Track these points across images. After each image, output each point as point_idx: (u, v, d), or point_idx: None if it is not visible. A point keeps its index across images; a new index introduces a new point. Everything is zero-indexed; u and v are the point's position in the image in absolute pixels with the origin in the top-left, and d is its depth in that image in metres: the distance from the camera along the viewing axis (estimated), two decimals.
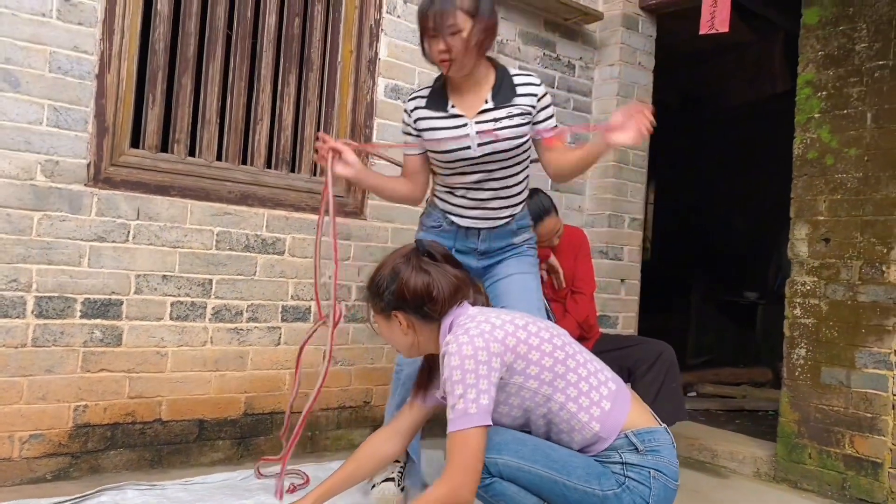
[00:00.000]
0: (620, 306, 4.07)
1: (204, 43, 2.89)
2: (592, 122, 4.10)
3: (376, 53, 3.23)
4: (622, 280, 4.08)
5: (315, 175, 3.17)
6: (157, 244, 2.69)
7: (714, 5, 3.68)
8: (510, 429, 1.90)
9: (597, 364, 1.94)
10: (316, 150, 2.35)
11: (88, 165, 2.54)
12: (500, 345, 1.78)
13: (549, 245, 3.24)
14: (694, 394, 5.30)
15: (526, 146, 2.38)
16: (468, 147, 2.30)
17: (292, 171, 3.12)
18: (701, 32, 3.71)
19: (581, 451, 1.88)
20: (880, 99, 2.97)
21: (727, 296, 6.86)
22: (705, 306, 7.01)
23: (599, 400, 1.85)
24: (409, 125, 2.45)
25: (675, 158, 7.94)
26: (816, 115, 3.16)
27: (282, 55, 3.09)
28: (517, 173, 2.41)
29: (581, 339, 3.22)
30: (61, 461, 2.52)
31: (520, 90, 2.32)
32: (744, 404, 4.94)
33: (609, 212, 4.01)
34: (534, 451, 1.83)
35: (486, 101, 2.31)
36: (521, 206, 2.48)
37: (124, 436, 2.64)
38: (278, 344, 2.99)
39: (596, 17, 3.90)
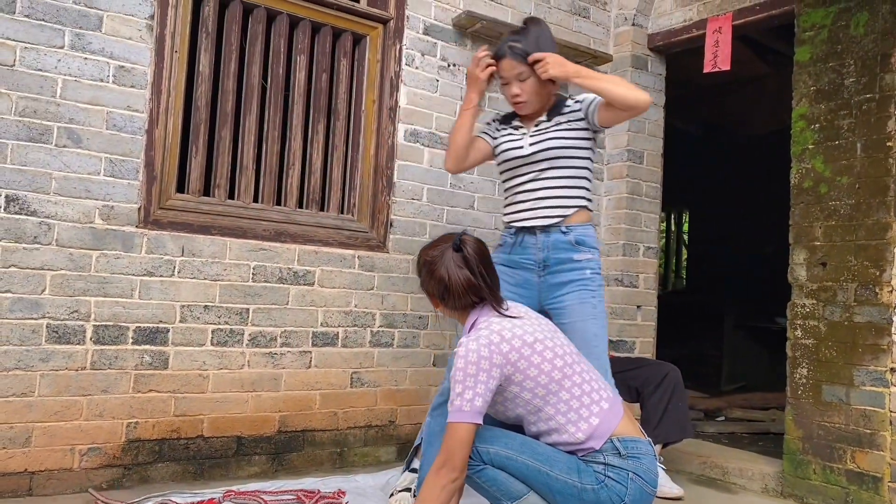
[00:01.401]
0: (637, 331, 4.25)
1: (241, 98, 3.25)
2: (606, 157, 4.33)
3: (396, 102, 3.54)
4: (638, 306, 4.26)
5: (342, 213, 3.48)
6: (200, 278, 3.02)
7: (716, 45, 3.92)
8: (503, 424, 2.15)
9: (597, 384, 2.15)
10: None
11: (139, 209, 2.89)
12: (503, 357, 2.02)
13: None
14: (723, 418, 5.38)
15: (577, 153, 2.65)
16: (521, 147, 2.68)
17: (321, 209, 3.43)
18: (705, 71, 3.95)
19: (567, 452, 2.10)
20: (868, 130, 3.14)
21: (759, 322, 6.92)
22: (738, 333, 7.08)
23: (589, 416, 2.07)
24: (489, 124, 2.86)
25: (706, 187, 8.08)
26: (810, 147, 3.34)
27: (311, 106, 3.42)
28: (568, 177, 2.66)
29: None
30: (115, 472, 2.83)
31: (568, 108, 2.70)
32: (770, 427, 5.01)
33: (623, 241, 4.22)
34: (522, 444, 2.07)
35: (542, 118, 2.70)
36: (574, 210, 2.64)
37: (170, 450, 2.95)
38: (309, 367, 3.28)
39: (605, 59, 4.16)
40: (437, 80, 3.68)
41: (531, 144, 2.66)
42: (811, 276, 3.30)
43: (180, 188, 3.08)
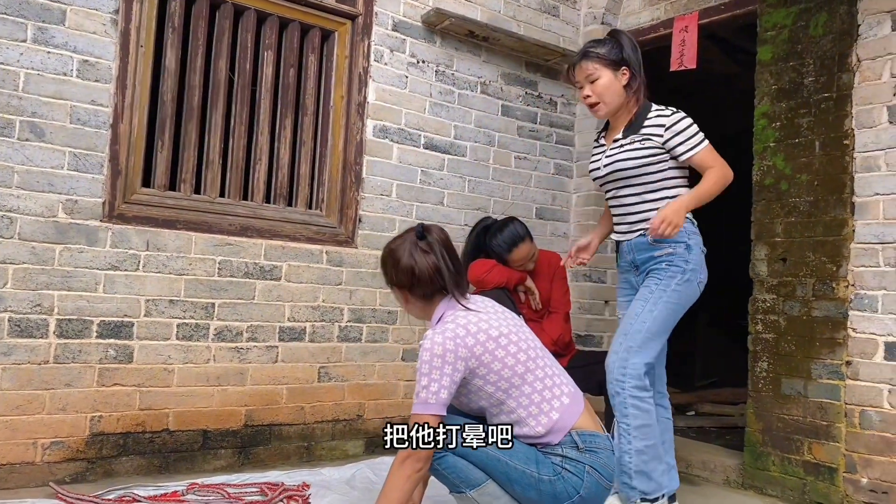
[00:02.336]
0: (605, 326, 4.30)
1: (208, 93, 3.26)
2: (576, 154, 4.38)
3: (365, 98, 3.56)
4: (606, 301, 4.31)
5: (310, 208, 3.50)
6: (165, 272, 3.03)
7: (683, 44, 3.98)
8: (466, 415, 2.20)
9: (559, 379, 2.18)
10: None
11: (104, 204, 2.90)
12: (468, 351, 2.05)
13: (525, 269, 3.51)
14: (693, 413, 5.45)
15: (652, 168, 2.64)
16: (598, 168, 2.75)
17: (289, 205, 3.45)
18: (671, 69, 4.00)
19: (528, 444, 2.13)
20: (827, 128, 3.20)
21: (732, 319, 7.00)
22: (712, 330, 7.16)
23: (549, 411, 2.11)
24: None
25: None
26: (772, 144, 3.40)
27: (279, 102, 3.44)
28: (645, 192, 2.68)
29: (556, 355, 3.45)
30: (78, 466, 2.84)
31: (649, 122, 2.67)
32: (738, 422, 5.08)
33: None
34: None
35: (619, 133, 2.70)
36: None
37: (135, 444, 2.96)
38: (276, 361, 3.29)
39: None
40: (406, 77, 3.70)
41: (605, 165, 2.71)
42: (772, 272, 3.36)
43: (146, 183, 3.08)
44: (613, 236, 2.82)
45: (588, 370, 3.40)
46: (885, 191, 3.02)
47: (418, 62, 3.74)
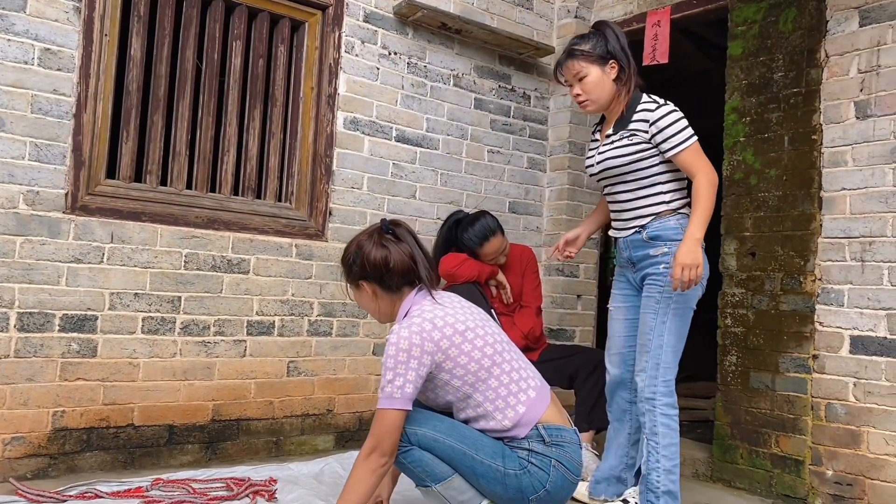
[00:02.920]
0: (577, 320, 4.31)
1: (174, 83, 3.21)
2: (548, 149, 4.37)
3: (336, 89, 3.53)
4: (578, 296, 4.32)
5: (280, 201, 3.46)
6: (130, 265, 2.98)
7: (655, 39, 3.98)
8: (433, 410, 2.18)
9: (525, 373, 2.17)
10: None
11: (66, 195, 2.84)
12: (434, 345, 2.03)
13: (497, 263, 3.50)
14: None
15: (645, 163, 2.57)
16: (592, 165, 2.71)
17: (258, 197, 3.41)
18: (644, 64, 4.00)
19: (494, 438, 2.12)
20: (795, 123, 3.22)
21: (706, 314, 7.05)
22: None
23: (516, 404, 2.10)
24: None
25: None
26: (741, 139, 3.41)
27: (247, 92, 3.39)
28: (637, 188, 2.62)
29: (527, 349, 3.46)
30: (41, 461, 2.79)
31: (635, 117, 2.59)
32: (709, 415, 5.12)
33: (564, 232, 4.25)
34: (449, 427, 2.09)
35: (610, 130, 2.65)
36: (650, 218, 2.58)
37: (99, 439, 2.91)
38: (244, 356, 3.26)
39: (548, 50, 4.19)
40: (378, 69, 3.67)
41: (598, 163, 2.67)
42: (741, 266, 3.38)
43: (111, 174, 3.03)
44: (611, 232, 2.78)
45: (559, 364, 3.41)
46: (851, 186, 3.05)
47: (390, 54, 3.71)
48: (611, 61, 2.60)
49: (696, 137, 2.52)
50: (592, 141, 2.82)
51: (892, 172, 2.94)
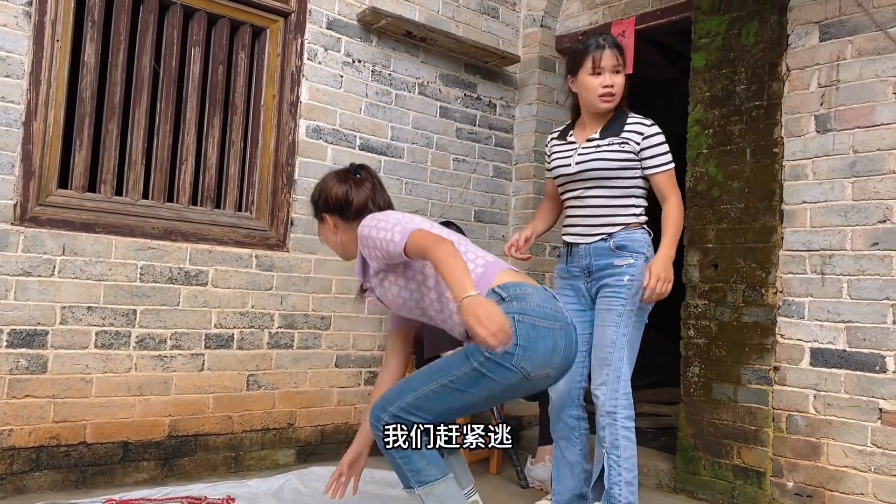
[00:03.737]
0: None
1: (130, 90, 3.12)
2: (514, 157, 4.36)
3: (298, 97, 3.47)
4: None
5: (240, 210, 3.39)
6: (83, 278, 2.89)
7: None
8: (406, 322, 2.35)
9: (481, 252, 2.15)
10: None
11: (15, 206, 2.75)
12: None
13: None
14: None
15: (626, 173, 2.57)
16: (568, 165, 2.64)
17: (217, 207, 3.33)
18: None
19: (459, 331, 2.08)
20: (757, 136, 3.24)
21: (671, 319, 7.10)
22: (651, 329, 7.23)
23: (475, 268, 2.04)
24: (546, 154, 2.84)
25: None
26: (704, 151, 3.42)
27: (206, 100, 3.32)
28: (615, 196, 2.59)
29: None
30: None
31: (628, 127, 2.58)
32: (674, 422, 5.14)
33: None
34: (418, 378, 2.03)
35: (596, 133, 2.62)
36: (620, 227, 2.57)
37: (49, 458, 2.82)
38: (202, 370, 3.18)
39: (513, 59, 4.17)
40: (342, 76, 3.62)
41: (578, 163, 2.61)
42: (703, 278, 3.38)
43: (63, 184, 2.94)
44: (566, 238, 2.70)
45: None
46: (811, 199, 3.07)
47: (354, 61, 3.66)
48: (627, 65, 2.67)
49: (673, 164, 2.59)
50: (564, 143, 2.72)
51: (851, 186, 2.97)
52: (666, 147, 2.57)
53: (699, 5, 3.51)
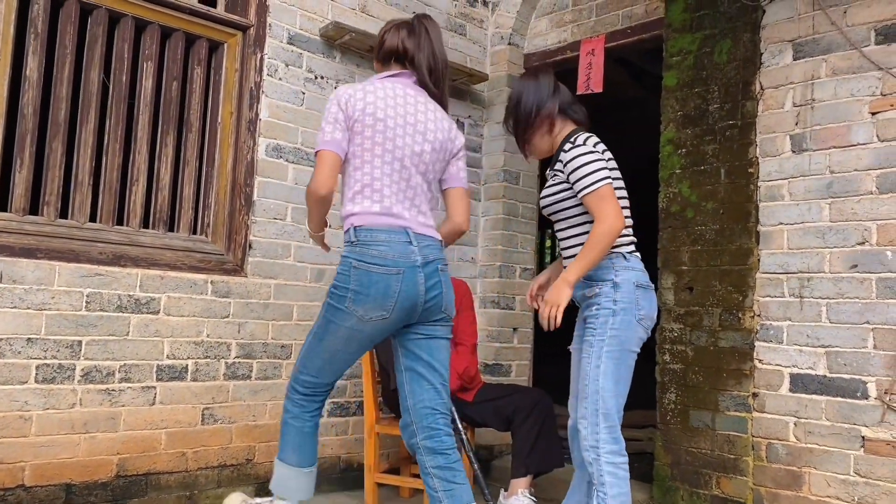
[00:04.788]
0: (513, 354, 4.17)
1: (77, 107, 2.94)
2: (483, 177, 4.24)
3: (257, 114, 3.31)
4: (514, 329, 4.18)
5: (194, 233, 3.21)
6: (22, 307, 2.68)
7: (589, 68, 3.90)
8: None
9: (385, 193, 2.16)
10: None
11: None
12: (343, 111, 2.16)
13: None
14: None
15: (568, 205, 2.46)
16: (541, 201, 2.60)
17: (170, 230, 3.15)
18: (578, 93, 3.92)
19: None
20: (731, 156, 3.17)
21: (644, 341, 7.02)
22: None
23: (353, 200, 2.17)
24: None
25: None
26: (678, 171, 3.34)
27: (159, 117, 3.15)
28: (568, 227, 2.50)
29: (462, 389, 3.29)
30: None
31: (559, 156, 2.48)
32: (646, 447, 5.04)
33: (500, 263, 4.13)
34: (308, 342, 2.27)
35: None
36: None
37: None
38: (153, 404, 2.98)
39: (481, 77, 4.07)
40: (304, 93, 3.47)
41: (541, 198, 2.57)
42: (678, 301, 3.29)
43: (1, 206, 2.75)
44: None
45: (496, 405, 3.25)
46: (788, 220, 3.00)
47: (316, 77, 3.52)
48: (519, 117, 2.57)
49: (604, 182, 2.34)
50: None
51: (829, 207, 2.90)
52: (588, 168, 2.35)
53: (671, 23, 3.45)
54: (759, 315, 3.04)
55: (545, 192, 2.54)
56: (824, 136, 2.94)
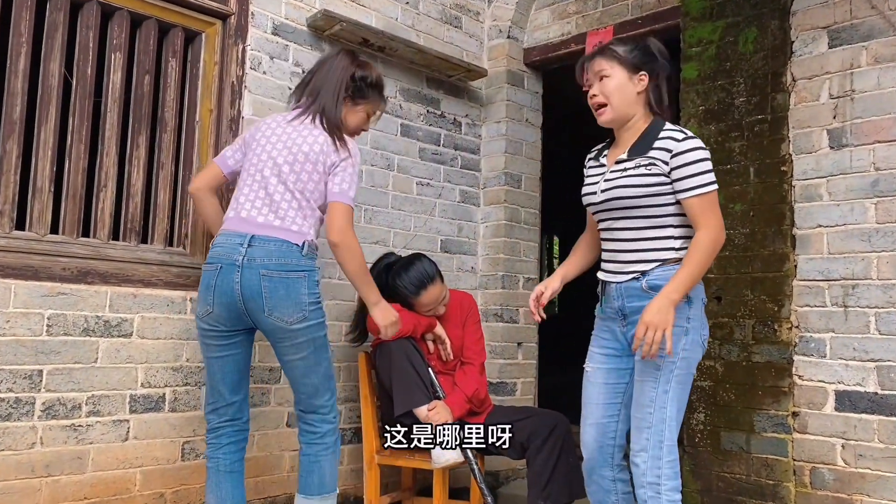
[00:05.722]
0: (518, 372, 3.87)
1: (35, 104, 2.59)
2: (482, 181, 3.95)
3: (239, 112, 2.98)
4: (519, 344, 3.88)
5: (170, 245, 2.87)
6: None
7: None
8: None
9: (250, 197, 2.40)
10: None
11: None
12: (243, 138, 2.56)
13: (435, 313, 3.03)
14: None
15: (655, 201, 2.13)
16: (594, 193, 2.26)
17: (143, 241, 2.81)
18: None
19: None
20: (761, 153, 2.92)
21: None
22: None
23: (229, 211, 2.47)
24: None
25: (577, 211, 7.94)
26: None
27: (130, 115, 2.81)
28: (646, 227, 2.16)
29: (472, 413, 2.99)
30: None
31: (657, 143, 2.14)
32: None
33: (503, 272, 3.83)
34: None
35: (625, 153, 2.21)
36: (654, 264, 2.15)
37: None
38: (126, 439, 2.63)
39: (480, 73, 3.79)
40: (290, 89, 3.13)
41: (603, 191, 2.20)
42: (706, 311, 3.01)
43: None
44: (600, 275, 2.30)
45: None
46: (828, 222, 2.75)
47: (304, 72, 3.19)
48: (641, 73, 2.20)
49: (715, 186, 2.10)
50: (595, 166, 2.34)
51: (874, 207, 2.66)
52: (702, 165, 2.09)
53: (688, 11, 3.19)
54: (797, 326, 2.79)
55: (624, 181, 2.16)
56: (867, 130, 2.70)
